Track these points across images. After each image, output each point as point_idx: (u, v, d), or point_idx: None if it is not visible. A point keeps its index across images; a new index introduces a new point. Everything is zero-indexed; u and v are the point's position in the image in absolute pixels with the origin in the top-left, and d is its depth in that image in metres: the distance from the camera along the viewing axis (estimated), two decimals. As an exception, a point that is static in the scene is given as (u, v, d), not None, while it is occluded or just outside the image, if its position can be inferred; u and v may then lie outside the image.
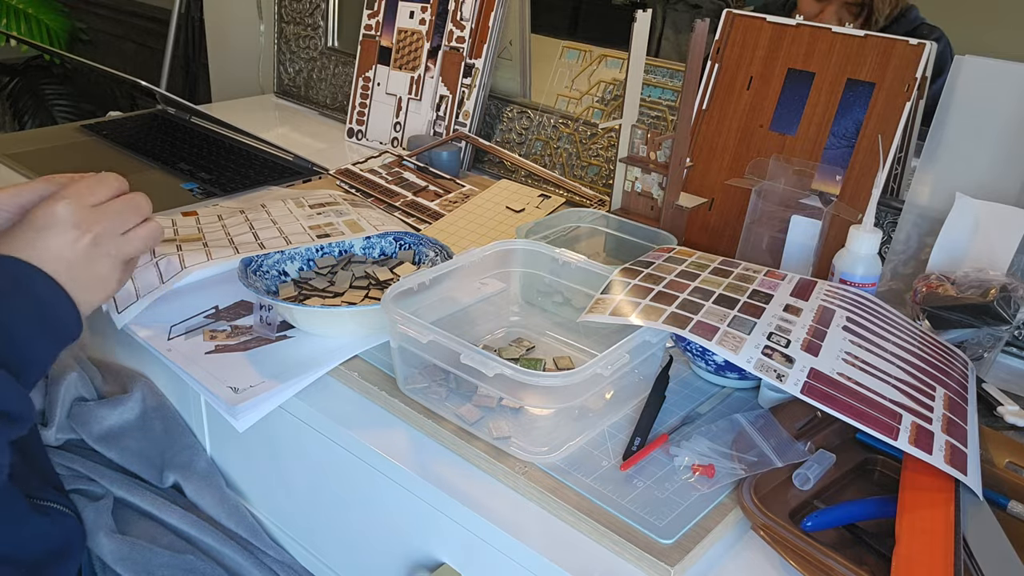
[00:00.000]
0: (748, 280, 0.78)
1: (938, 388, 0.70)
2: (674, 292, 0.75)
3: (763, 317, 0.71)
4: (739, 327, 0.69)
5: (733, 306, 0.73)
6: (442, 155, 1.29)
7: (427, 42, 1.38)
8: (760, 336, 0.68)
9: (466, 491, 0.68)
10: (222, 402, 0.76)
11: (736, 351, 0.66)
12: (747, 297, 0.75)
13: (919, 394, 0.68)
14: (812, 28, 0.99)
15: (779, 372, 0.65)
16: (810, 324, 0.72)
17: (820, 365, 0.67)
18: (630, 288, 0.76)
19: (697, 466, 0.68)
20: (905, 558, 0.57)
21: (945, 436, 0.64)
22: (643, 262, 0.82)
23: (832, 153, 0.97)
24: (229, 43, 2.00)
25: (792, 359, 0.67)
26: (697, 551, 0.61)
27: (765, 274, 0.80)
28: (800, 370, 0.66)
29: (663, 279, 0.78)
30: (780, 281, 0.79)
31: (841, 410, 0.63)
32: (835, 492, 0.68)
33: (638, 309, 0.72)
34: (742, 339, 0.68)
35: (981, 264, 0.85)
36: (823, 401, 0.64)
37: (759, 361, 0.66)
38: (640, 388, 0.77)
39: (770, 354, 0.67)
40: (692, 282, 0.77)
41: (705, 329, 0.69)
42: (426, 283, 0.80)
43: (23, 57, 3.01)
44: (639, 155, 1.01)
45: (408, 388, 0.76)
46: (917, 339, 0.77)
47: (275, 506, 0.90)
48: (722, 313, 0.71)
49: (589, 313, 0.74)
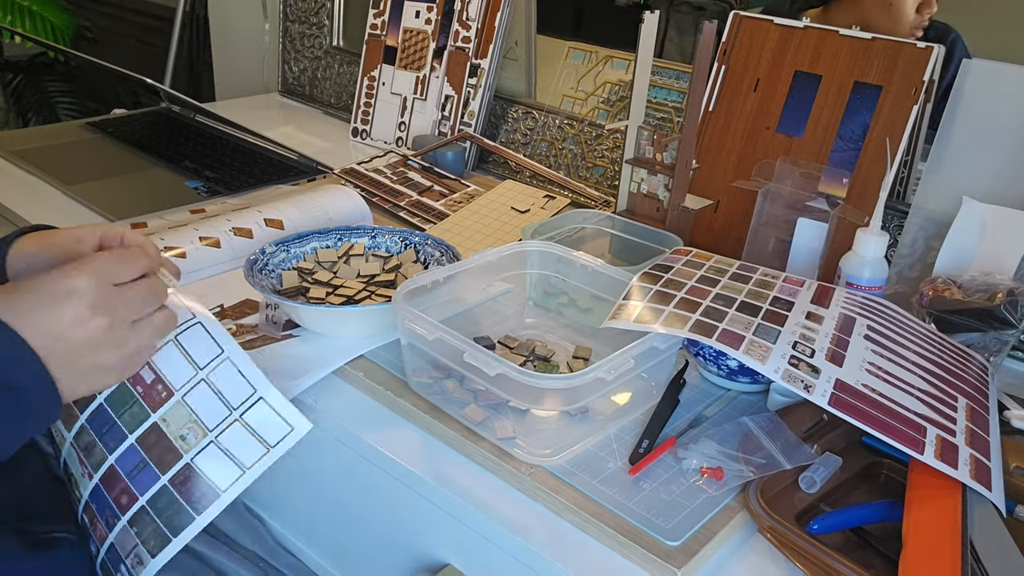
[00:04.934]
0: (768, 287, 0.78)
1: (960, 398, 0.70)
2: (696, 299, 0.75)
3: (786, 325, 0.71)
4: (764, 336, 0.69)
5: (756, 314, 0.73)
6: (447, 155, 1.29)
7: (433, 42, 1.37)
8: (785, 346, 0.68)
9: (471, 491, 0.68)
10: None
11: (763, 361, 0.66)
12: (769, 304, 0.75)
13: (942, 405, 0.68)
14: (819, 31, 0.99)
15: (806, 383, 0.65)
16: (832, 333, 0.72)
17: (845, 376, 0.67)
18: (652, 294, 0.76)
19: (705, 468, 0.67)
20: (912, 562, 0.57)
21: (969, 450, 0.64)
22: (662, 266, 0.82)
23: (839, 156, 0.97)
24: (234, 41, 2.00)
25: (818, 369, 0.67)
26: (704, 553, 0.61)
27: (784, 280, 0.80)
28: (826, 381, 0.66)
29: (684, 284, 0.77)
30: (799, 288, 0.79)
31: (868, 423, 0.63)
32: (842, 495, 0.68)
33: (662, 317, 0.72)
34: (768, 348, 0.68)
35: (988, 268, 0.85)
36: (850, 413, 0.64)
37: (786, 371, 0.66)
38: (650, 393, 0.77)
39: (796, 364, 0.67)
40: (713, 288, 0.77)
41: (731, 338, 0.68)
42: (440, 280, 0.80)
43: (28, 54, 3.01)
44: (645, 156, 1.01)
45: (416, 383, 0.76)
46: (936, 346, 0.77)
47: (277, 504, 0.90)
48: (746, 321, 0.71)
49: (612, 319, 0.73)
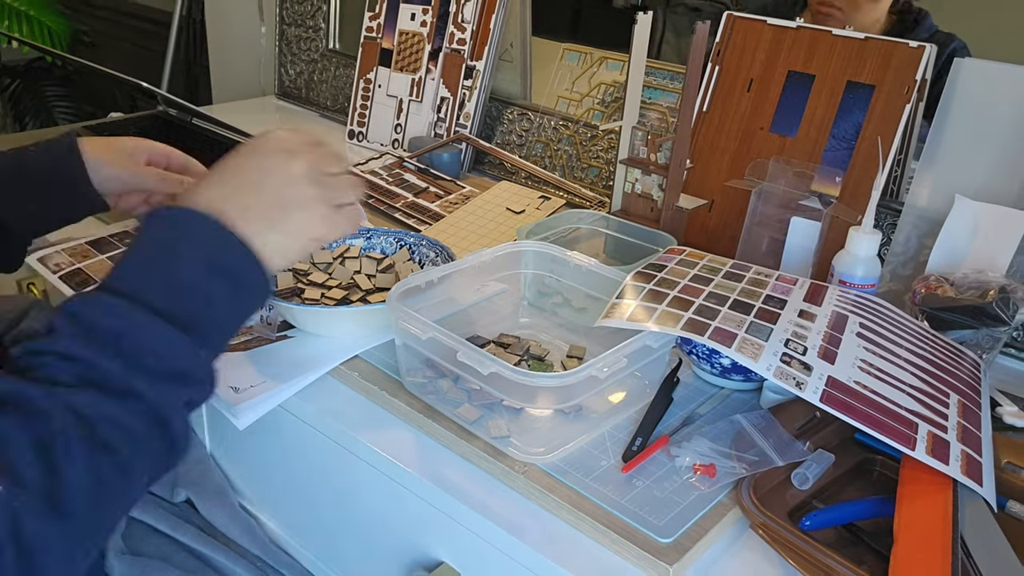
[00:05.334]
0: (761, 285, 0.78)
1: (952, 395, 0.71)
2: (689, 297, 0.75)
3: (779, 323, 0.72)
4: (756, 334, 0.69)
5: (749, 312, 0.73)
6: (443, 157, 1.29)
7: (428, 44, 1.38)
8: (778, 343, 0.69)
9: (466, 490, 0.68)
10: (222, 401, 0.76)
11: (755, 359, 0.66)
12: (761, 303, 0.75)
13: (934, 401, 0.68)
14: (813, 31, 0.99)
15: (798, 380, 0.65)
16: (825, 330, 0.72)
17: (837, 373, 0.67)
18: (645, 293, 0.76)
19: (698, 466, 0.68)
20: (903, 557, 0.57)
21: (961, 445, 0.65)
22: (656, 265, 0.82)
23: (832, 155, 0.97)
24: (230, 45, 2.00)
25: (810, 367, 0.67)
26: (696, 550, 0.61)
27: (777, 278, 0.80)
28: (818, 378, 0.66)
29: (677, 283, 0.78)
30: (792, 286, 0.79)
31: (859, 419, 0.63)
32: (834, 491, 0.69)
33: (655, 315, 0.72)
34: (760, 346, 0.68)
35: (980, 266, 0.85)
36: (841, 410, 0.64)
37: (778, 369, 0.66)
38: (643, 391, 0.77)
39: (788, 361, 0.67)
40: (706, 287, 0.77)
41: (723, 336, 0.69)
42: (434, 281, 0.81)
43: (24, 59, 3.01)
44: (639, 157, 1.01)
45: (411, 383, 0.77)
46: (929, 343, 0.77)
47: (273, 503, 0.90)
48: (739, 319, 0.71)
49: (606, 318, 0.73)
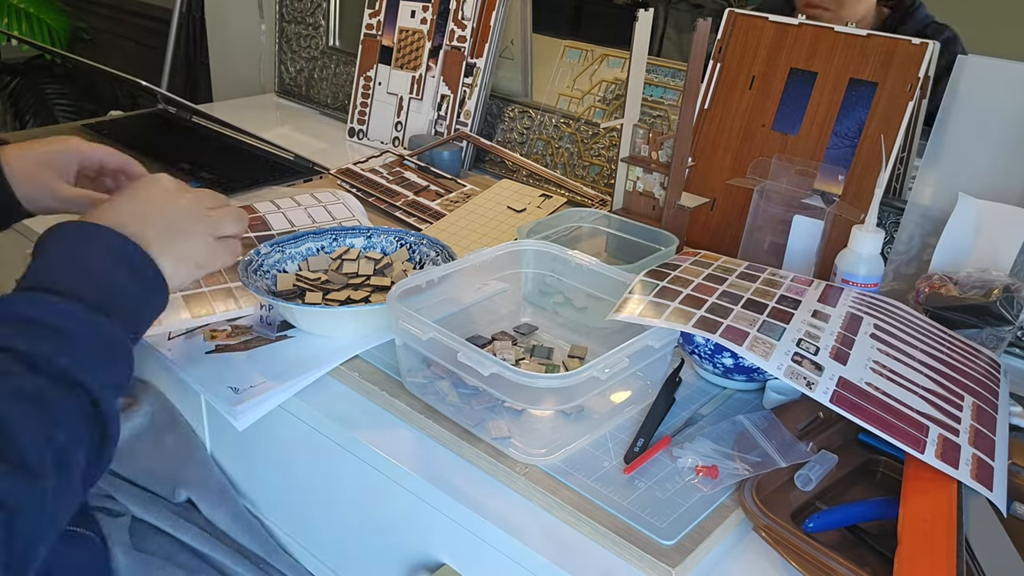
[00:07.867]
0: (775, 285, 0.78)
1: (967, 397, 0.70)
2: (702, 296, 0.75)
3: (792, 323, 0.71)
4: (769, 332, 0.69)
5: (762, 311, 0.72)
6: (443, 155, 1.29)
7: (428, 41, 1.37)
8: (790, 342, 0.68)
9: (467, 491, 0.68)
10: (222, 402, 0.76)
11: (766, 357, 0.66)
12: (775, 302, 0.74)
13: (947, 404, 0.68)
14: (815, 28, 0.99)
15: (809, 380, 0.65)
16: (838, 331, 0.72)
17: (848, 374, 0.67)
18: (658, 290, 0.76)
19: (701, 467, 0.67)
20: (907, 559, 0.57)
21: (972, 449, 0.64)
22: (670, 264, 0.82)
23: (834, 153, 0.97)
24: (230, 42, 2.00)
25: (821, 367, 0.66)
26: (699, 552, 0.61)
27: (792, 279, 0.80)
28: (829, 379, 0.65)
29: (691, 282, 0.77)
30: (807, 287, 0.79)
31: (868, 420, 0.63)
32: (837, 493, 0.68)
33: (667, 312, 0.72)
34: (772, 345, 0.67)
35: (984, 264, 0.85)
36: (851, 411, 0.63)
37: (789, 368, 0.65)
38: (646, 392, 0.77)
39: (799, 361, 0.66)
40: (720, 286, 0.77)
41: (735, 334, 0.68)
42: (435, 280, 0.80)
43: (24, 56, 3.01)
44: (641, 155, 1.01)
45: (411, 383, 0.76)
46: (946, 345, 0.77)
47: (273, 504, 0.89)
48: (751, 318, 0.71)
49: (616, 313, 0.73)
